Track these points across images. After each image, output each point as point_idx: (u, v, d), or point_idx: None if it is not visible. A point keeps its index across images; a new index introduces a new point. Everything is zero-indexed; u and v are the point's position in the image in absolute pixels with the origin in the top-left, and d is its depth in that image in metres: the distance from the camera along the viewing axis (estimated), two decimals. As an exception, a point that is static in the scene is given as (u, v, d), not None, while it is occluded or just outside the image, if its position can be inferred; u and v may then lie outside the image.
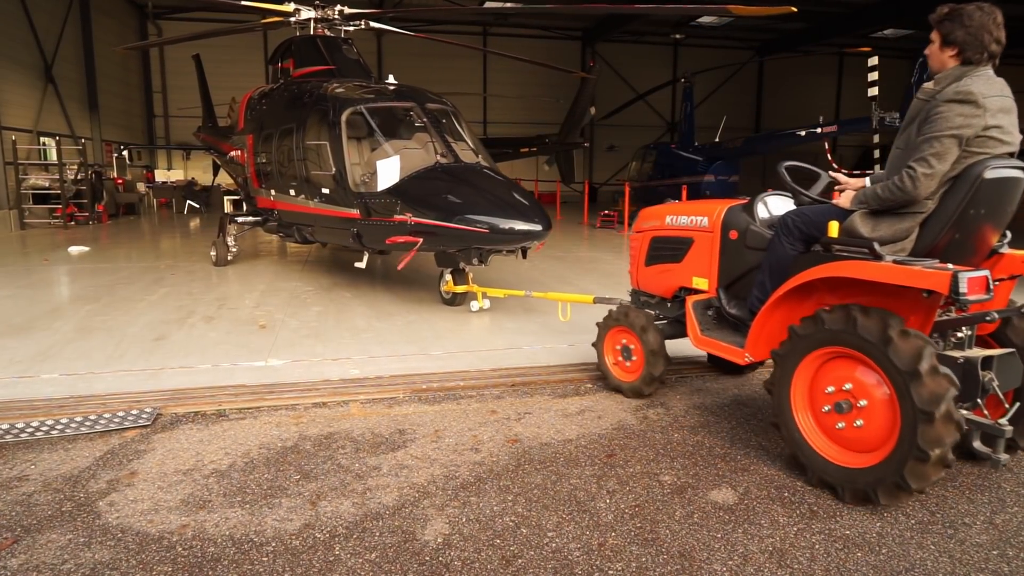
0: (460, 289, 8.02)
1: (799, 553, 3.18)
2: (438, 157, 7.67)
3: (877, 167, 12.35)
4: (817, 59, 32.94)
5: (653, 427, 4.65)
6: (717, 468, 4.04)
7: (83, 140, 21.03)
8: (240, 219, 11.53)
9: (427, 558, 3.12)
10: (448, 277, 8.11)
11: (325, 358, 6.11)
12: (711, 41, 32.39)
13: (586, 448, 4.30)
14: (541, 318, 7.68)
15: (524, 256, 7.56)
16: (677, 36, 31.08)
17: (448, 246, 7.26)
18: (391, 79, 9.36)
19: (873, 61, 12.26)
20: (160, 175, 26.51)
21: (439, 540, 3.27)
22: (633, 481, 3.87)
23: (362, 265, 8.74)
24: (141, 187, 24.46)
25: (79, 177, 19.08)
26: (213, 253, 11.48)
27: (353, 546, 3.22)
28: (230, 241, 11.43)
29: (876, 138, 12.43)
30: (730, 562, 3.11)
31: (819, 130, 13.91)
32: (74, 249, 13.28)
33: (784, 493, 3.74)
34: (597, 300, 6.23)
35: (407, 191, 7.36)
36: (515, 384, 5.45)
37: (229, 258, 11.38)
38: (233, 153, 12.51)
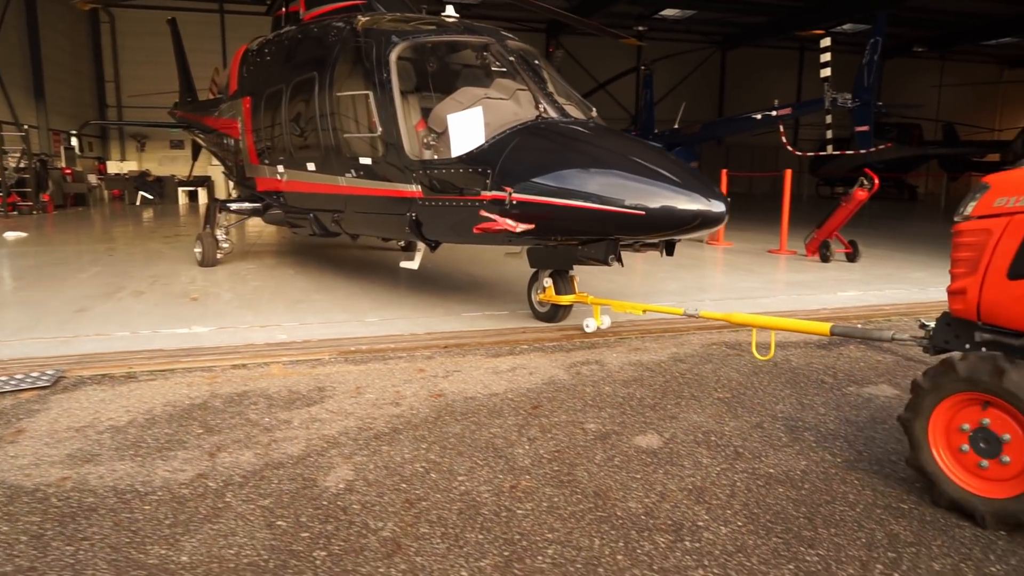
0: (566, 300, 5.76)
1: (719, 490, 3.04)
2: (539, 110, 5.36)
3: (830, 147, 12.48)
4: (778, 54, 33.29)
5: (585, 381, 4.49)
6: (645, 416, 3.89)
7: (26, 127, 20.29)
8: (234, 206, 9.24)
9: (324, 503, 2.91)
10: (547, 282, 5.84)
11: (253, 325, 5.84)
12: (674, 35, 32.51)
13: (512, 401, 4.12)
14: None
15: (670, 253, 5.34)
16: (640, 28, 31.11)
17: (572, 235, 5.10)
18: (450, 10, 6.57)
19: (825, 43, 12.32)
20: (113, 167, 25.70)
21: (341, 486, 3.06)
22: (556, 429, 3.70)
23: (414, 265, 6.42)
24: (92, 178, 23.71)
25: (22, 165, 18.38)
26: (198, 250, 9.11)
27: (247, 493, 2.99)
28: (220, 235, 9.20)
29: (828, 118, 12.54)
30: (646, 500, 2.95)
31: (774, 113, 13.98)
32: (10, 235, 12.73)
33: (711, 438, 3.61)
34: (836, 331, 3.89)
35: (502, 156, 5.09)
36: (448, 346, 5.26)
37: (219, 256, 9.13)
38: (222, 125, 10.20)
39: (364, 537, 2.65)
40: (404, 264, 6.49)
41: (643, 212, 4.62)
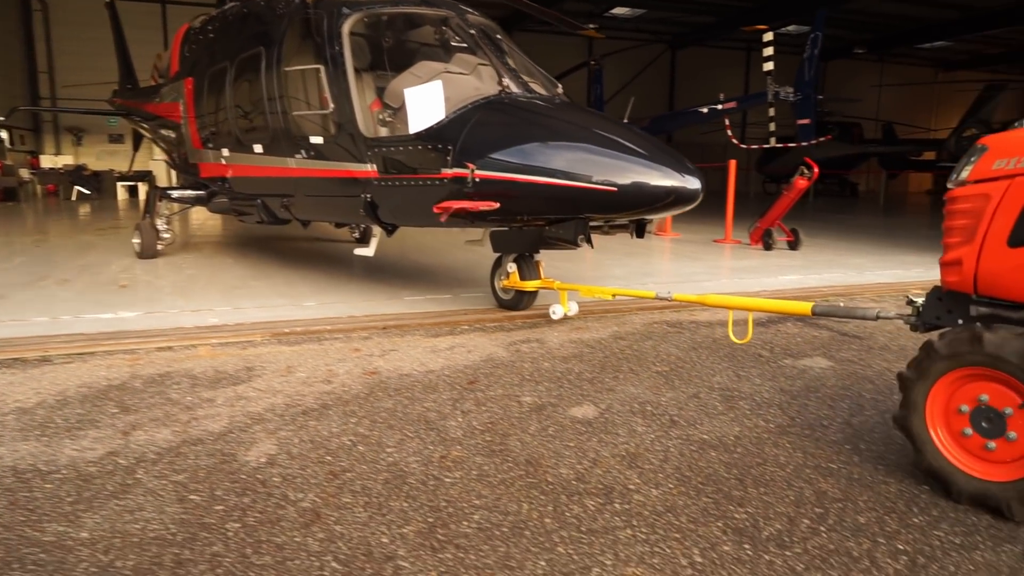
0: (532, 286, 5.49)
1: (652, 456, 3.01)
2: (502, 85, 5.07)
3: (773, 140, 12.76)
4: (726, 54, 33.94)
5: (524, 358, 4.42)
6: (583, 389, 3.85)
7: (-49, 119, 19.28)
8: (176, 193, 8.73)
9: (243, 477, 2.77)
10: (511, 268, 5.56)
11: (184, 310, 5.60)
12: (624, 33, 32.85)
13: (448, 377, 4.03)
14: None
15: (640, 235, 5.25)
16: (591, 26, 31.34)
17: (539, 215, 4.86)
18: None
19: (768, 37, 12.56)
20: (47, 161, 24.60)
21: (262, 460, 2.92)
22: (491, 402, 3.62)
23: (369, 252, 6.10)
24: (24, 173, 22.67)
25: (-55, 158, 17.45)
26: (136, 241, 8.53)
27: (160, 469, 2.83)
28: (160, 224, 8.62)
29: (771, 111, 12.82)
30: (578, 466, 2.90)
31: (720, 106, 14.22)
32: (-70, 227, 12.06)
33: (647, 408, 3.58)
34: (818, 310, 3.58)
35: (464, 131, 4.83)
36: (387, 327, 5.13)
37: (160, 247, 8.62)
38: (163, 110, 9.65)
39: (282, 508, 2.53)
40: (359, 251, 6.19)
41: (615, 188, 4.38)
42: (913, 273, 8.06)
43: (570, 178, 4.44)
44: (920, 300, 3.08)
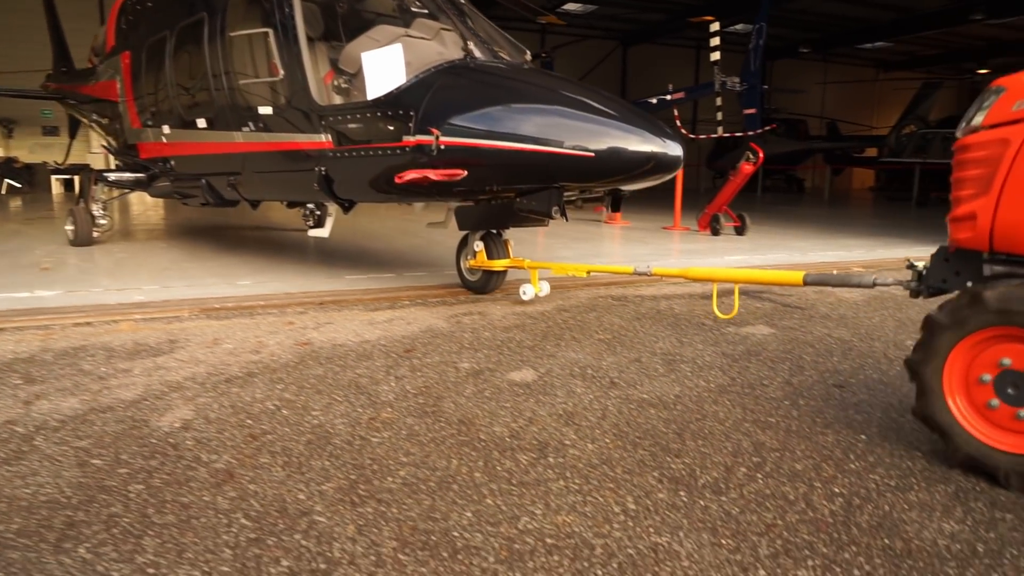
0: (500, 265, 5.21)
1: (589, 414, 2.92)
2: (467, 50, 4.68)
3: (720, 129, 12.93)
4: (677, 51, 34.40)
5: (464, 329, 4.30)
6: (523, 356, 3.75)
7: None
8: (113, 177, 8.14)
9: (153, 441, 2.59)
10: (478, 246, 5.26)
11: (109, 289, 5.31)
12: (576, 30, 33.00)
13: (384, 346, 3.88)
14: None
15: (616, 208, 4.90)
16: (543, 21, 31.35)
17: (510, 184, 4.48)
18: None
19: (715, 27, 12.69)
20: (-26, 153, 23.41)
21: (176, 425, 2.74)
22: (427, 368, 3.49)
23: (324, 232, 5.80)
24: (-51, 165, 21.51)
25: None
26: (70, 227, 7.96)
27: (61, 436, 2.62)
28: (96, 210, 8.04)
29: (718, 101, 12.98)
30: (513, 424, 2.79)
31: (669, 97, 14.34)
32: None
33: (587, 371, 3.50)
34: (809, 279, 3.54)
35: (427, 96, 4.44)
36: (324, 303, 4.95)
37: (95, 235, 8.03)
38: (100, 89, 9.03)
39: (192, 470, 2.36)
40: (313, 232, 5.89)
41: (591, 154, 4.02)
42: (855, 254, 8.21)
43: (542, 143, 4.08)
44: (922, 264, 2.86)
